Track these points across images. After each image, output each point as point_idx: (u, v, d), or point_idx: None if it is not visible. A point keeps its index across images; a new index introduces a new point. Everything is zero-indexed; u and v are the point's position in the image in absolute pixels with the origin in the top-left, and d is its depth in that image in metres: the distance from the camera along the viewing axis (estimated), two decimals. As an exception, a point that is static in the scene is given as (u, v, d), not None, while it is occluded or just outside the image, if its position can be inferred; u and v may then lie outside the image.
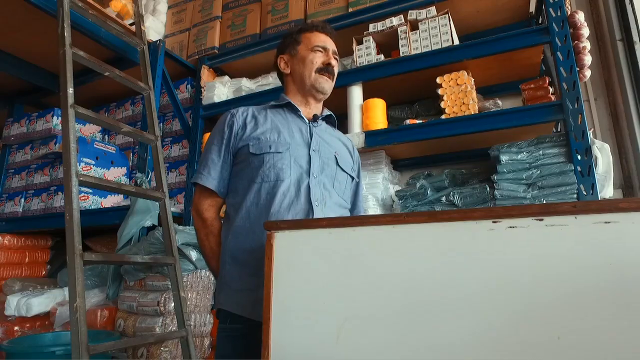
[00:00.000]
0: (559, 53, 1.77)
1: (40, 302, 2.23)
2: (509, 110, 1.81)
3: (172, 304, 1.88)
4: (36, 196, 2.70)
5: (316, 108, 1.25)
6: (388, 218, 0.69)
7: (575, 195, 1.62)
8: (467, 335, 0.61)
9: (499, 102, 1.94)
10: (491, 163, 1.86)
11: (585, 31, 1.83)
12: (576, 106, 1.70)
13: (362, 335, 0.69)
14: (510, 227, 0.61)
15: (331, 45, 1.24)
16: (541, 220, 0.60)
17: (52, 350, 1.66)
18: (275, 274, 0.77)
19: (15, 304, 2.28)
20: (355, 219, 0.73)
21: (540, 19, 2.19)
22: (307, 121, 1.19)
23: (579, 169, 1.64)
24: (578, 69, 1.80)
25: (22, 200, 2.77)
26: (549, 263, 0.59)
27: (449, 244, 0.65)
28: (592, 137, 1.71)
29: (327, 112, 1.27)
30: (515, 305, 0.59)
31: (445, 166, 2.25)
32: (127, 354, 1.89)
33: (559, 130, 2.06)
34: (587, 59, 1.81)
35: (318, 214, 1.02)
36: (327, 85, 1.20)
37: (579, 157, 1.65)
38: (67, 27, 1.87)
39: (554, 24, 1.80)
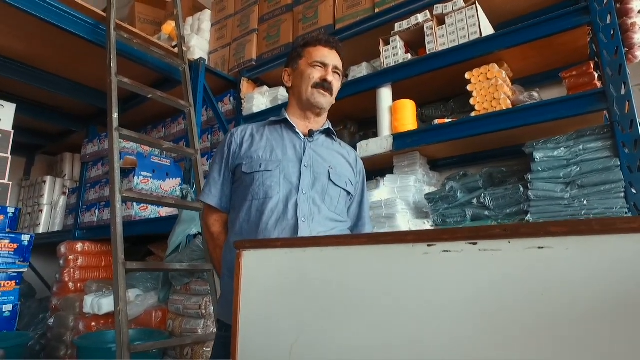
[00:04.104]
0: (601, 34, 1.58)
1: (108, 303, 2.52)
2: (541, 103, 1.65)
3: (212, 307, 2.02)
4: (107, 207, 3.05)
5: (316, 122, 1.26)
6: (333, 239, 0.69)
7: (622, 194, 1.44)
8: (405, 355, 0.60)
9: (535, 94, 1.78)
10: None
11: (635, 4, 1.61)
12: (623, 92, 1.50)
13: (312, 353, 0.70)
14: (445, 251, 0.59)
15: (333, 60, 1.23)
16: (475, 244, 0.56)
17: (109, 347, 1.87)
18: (242, 291, 0.82)
19: (90, 303, 2.60)
20: (307, 240, 0.74)
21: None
22: (303, 137, 1.21)
23: (626, 164, 1.46)
24: (626, 49, 1.60)
25: (97, 211, 3.14)
26: (480, 291, 0.55)
27: (386, 267, 0.64)
28: (644, 126, 1.50)
29: (326, 125, 1.27)
30: (445, 334, 0.56)
31: (485, 164, 2.12)
32: (175, 352, 2.06)
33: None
34: (638, 37, 1.59)
35: (304, 229, 1.04)
36: (323, 99, 1.21)
37: (626, 150, 1.46)
38: (113, 58, 2.09)
39: (594, 2, 1.61)
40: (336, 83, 1.25)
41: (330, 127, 1.28)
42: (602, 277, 0.48)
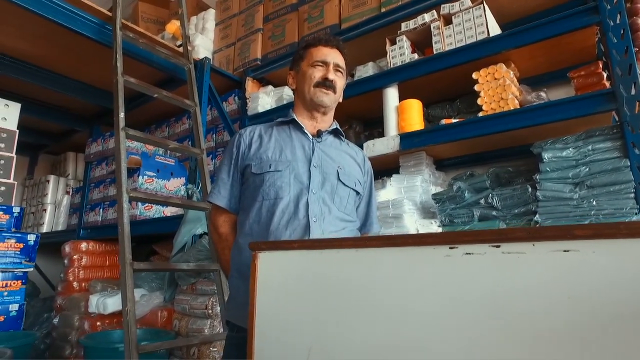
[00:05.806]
0: (610, 34, 1.57)
1: (114, 302, 2.52)
2: (549, 103, 1.65)
3: (218, 307, 2.02)
4: (111, 207, 3.05)
5: (323, 121, 1.26)
6: (350, 242, 0.69)
7: (632, 195, 1.44)
8: (426, 358, 0.60)
9: (543, 94, 1.78)
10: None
11: (646, 5, 1.61)
12: (633, 92, 1.50)
13: (331, 355, 0.70)
14: (467, 253, 0.58)
15: (333, 58, 1.23)
16: (498, 247, 0.56)
17: (116, 347, 1.87)
18: (258, 292, 0.81)
19: (95, 303, 2.60)
20: (324, 242, 0.74)
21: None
22: (311, 137, 1.20)
23: (636, 164, 1.45)
24: (636, 49, 1.58)
25: (101, 210, 3.14)
26: (504, 294, 0.54)
27: (406, 269, 0.63)
28: (654, 127, 1.49)
29: (334, 125, 1.27)
30: (467, 338, 0.56)
31: (492, 164, 2.11)
32: (181, 352, 2.06)
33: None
34: (648, 37, 1.59)
35: (315, 229, 1.04)
36: (326, 98, 1.20)
37: (636, 151, 1.46)
38: (119, 58, 2.09)
39: (604, 1, 1.60)
40: (339, 81, 1.24)
41: (338, 127, 1.28)
42: (630, 281, 0.47)
